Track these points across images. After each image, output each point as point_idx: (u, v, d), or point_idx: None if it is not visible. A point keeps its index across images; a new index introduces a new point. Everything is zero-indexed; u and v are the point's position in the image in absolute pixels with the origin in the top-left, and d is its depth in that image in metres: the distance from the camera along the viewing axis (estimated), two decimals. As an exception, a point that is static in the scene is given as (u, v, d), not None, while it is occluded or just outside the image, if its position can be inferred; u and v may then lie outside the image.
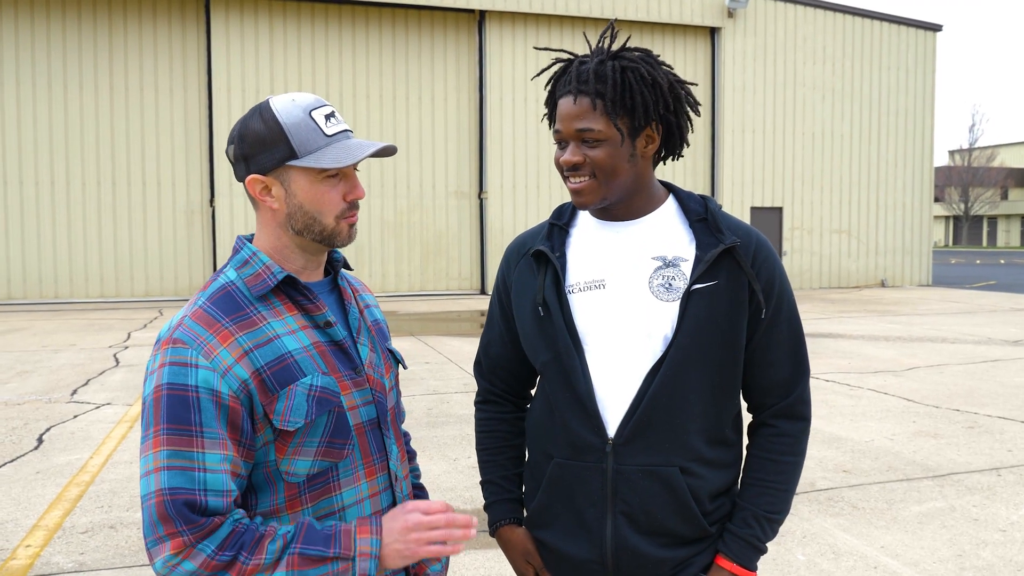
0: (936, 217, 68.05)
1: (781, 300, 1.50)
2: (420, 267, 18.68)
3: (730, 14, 19.93)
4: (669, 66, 1.50)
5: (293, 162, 1.29)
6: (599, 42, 1.50)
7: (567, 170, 1.46)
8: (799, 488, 4.69)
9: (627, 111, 1.42)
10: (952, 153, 70.50)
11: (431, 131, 18.59)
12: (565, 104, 1.44)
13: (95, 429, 6.09)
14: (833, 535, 3.99)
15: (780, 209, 20.78)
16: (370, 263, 18.32)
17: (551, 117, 1.50)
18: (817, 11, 20.86)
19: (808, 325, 12.70)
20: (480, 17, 18.58)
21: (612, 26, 1.52)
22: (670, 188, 1.57)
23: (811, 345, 10.42)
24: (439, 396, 7.21)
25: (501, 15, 18.67)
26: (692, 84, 1.53)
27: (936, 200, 64.28)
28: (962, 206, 65.88)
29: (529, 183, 19.02)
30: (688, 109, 1.51)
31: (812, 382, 7.72)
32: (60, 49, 16.57)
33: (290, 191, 1.31)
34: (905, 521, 4.17)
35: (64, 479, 4.88)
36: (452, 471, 5.02)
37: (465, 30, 18.72)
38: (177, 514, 1.18)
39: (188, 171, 17.28)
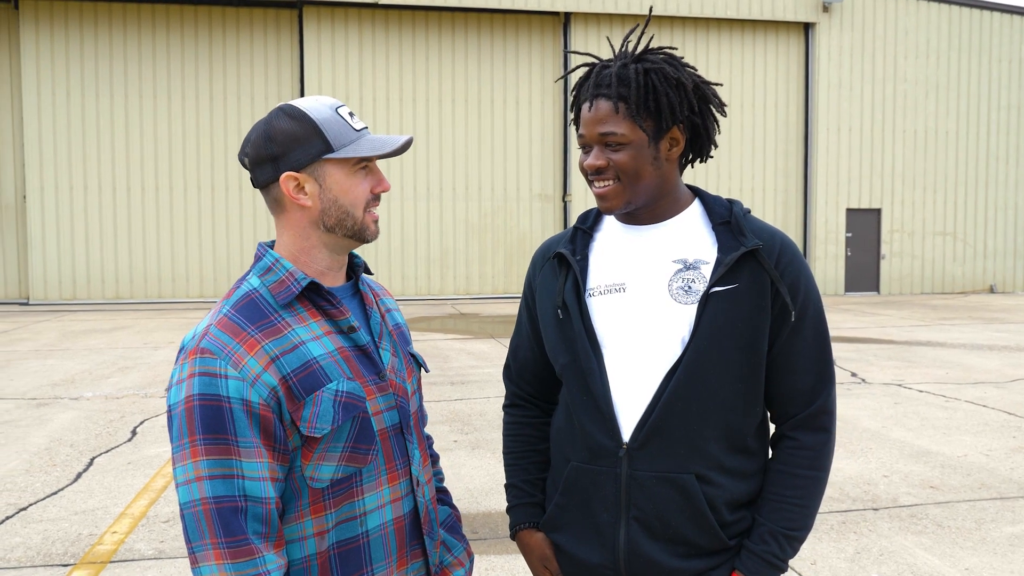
0: (1055, 218, 63.74)
1: (806, 305, 1.45)
2: (504, 269, 18.79)
3: (825, 8, 19.23)
4: (693, 68, 1.48)
5: (330, 155, 1.31)
6: (622, 45, 1.49)
7: (591, 174, 1.46)
8: (879, 503, 4.48)
9: (650, 113, 1.42)
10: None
11: (515, 134, 18.69)
12: (588, 108, 1.44)
13: (185, 423, 6.38)
14: (913, 554, 3.78)
15: (878, 211, 19.90)
16: (454, 265, 18.56)
17: (576, 122, 1.50)
18: (920, 2, 19.88)
19: (905, 333, 12.11)
20: (565, 19, 18.56)
21: (635, 29, 1.51)
22: (697, 192, 1.55)
23: (906, 354, 9.94)
24: (513, 398, 7.22)
25: (587, 17, 18.59)
26: (717, 84, 1.50)
27: (1055, 200, 60.22)
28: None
29: (614, 185, 18.85)
30: (714, 111, 1.48)
31: (903, 392, 7.43)
32: (165, 62, 17.48)
33: (325, 185, 1.32)
34: (995, 542, 3.91)
35: (152, 470, 5.14)
36: (520, 474, 5.01)
37: (550, 32, 18.73)
38: (223, 521, 1.20)
39: (282, 176, 17.92)
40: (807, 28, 19.48)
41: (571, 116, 1.57)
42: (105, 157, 17.38)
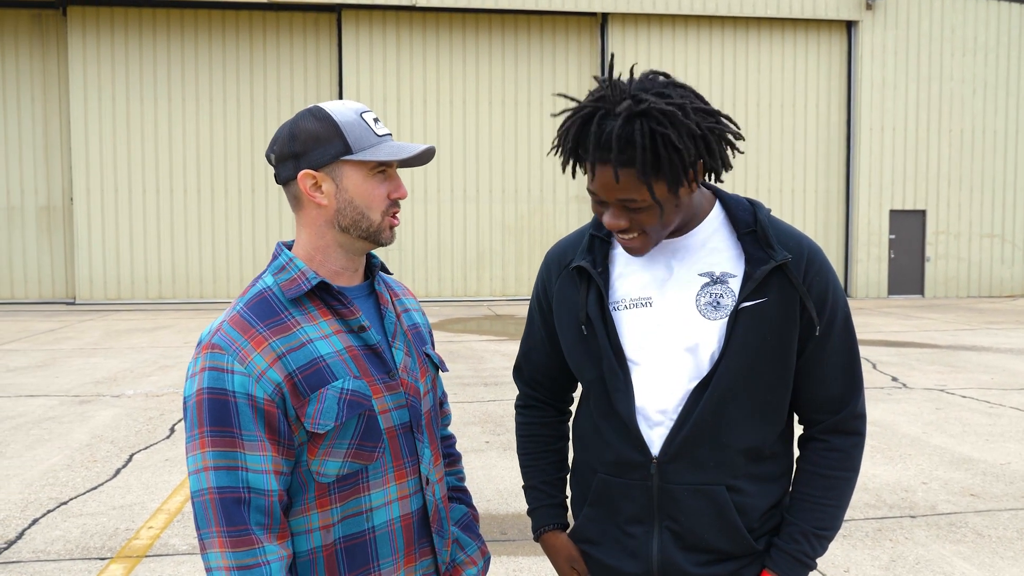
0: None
1: (835, 314, 1.44)
2: (539, 271, 18.77)
3: (868, 6, 18.87)
4: (701, 99, 1.35)
5: (348, 157, 1.34)
6: (617, 85, 1.33)
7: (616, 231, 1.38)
8: (917, 511, 4.37)
9: (664, 174, 1.31)
10: None
11: (552, 135, 18.63)
12: (601, 172, 1.32)
13: (221, 421, 6.49)
14: (951, 563, 3.68)
15: (923, 212, 19.45)
16: (491, 266, 18.60)
17: (583, 170, 1.38)
18: (967, -1, 19.42)
19: (949, 337, 11.82)
20: (603, 20, 18.49)
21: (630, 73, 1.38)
22: (717, 194, 1.50)
23: (949, 358, 9.70)
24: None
25: (624, 17, 18.50)
26: (730, 122, 1.39)
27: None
28: None
29: (651, 186, 18.72)
30: (731, 136, 1.38)
31: (946, 398, 7.25)
32: (207, 66, 17.81)
33: (341, 186, 1.35)
34: (1037, 554, 3.79)
35: (188, 467, 5.23)
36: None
37: (587, 33, 18.68)
38: (226, 511, 1.24)
39: (320, 178, 18.16)
40: (849, 26, 19.14)
41: (561, 158, 1.43)
42: (149, 160, 17.76)
